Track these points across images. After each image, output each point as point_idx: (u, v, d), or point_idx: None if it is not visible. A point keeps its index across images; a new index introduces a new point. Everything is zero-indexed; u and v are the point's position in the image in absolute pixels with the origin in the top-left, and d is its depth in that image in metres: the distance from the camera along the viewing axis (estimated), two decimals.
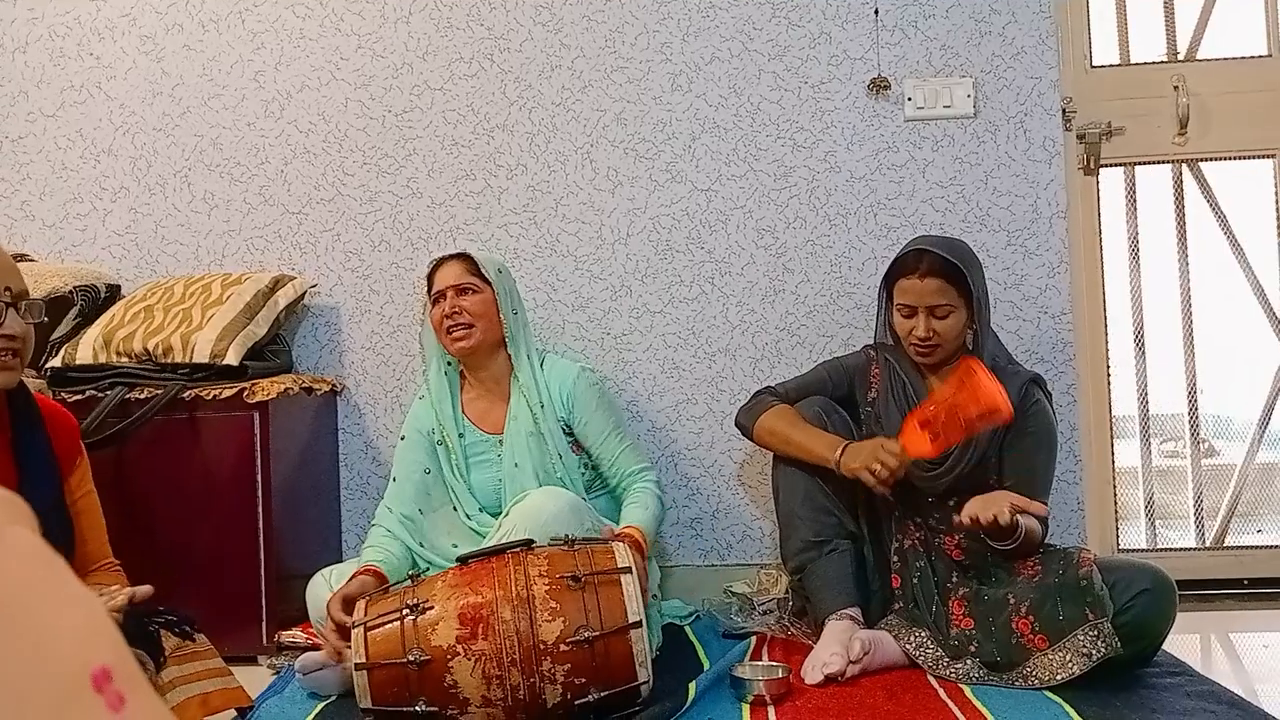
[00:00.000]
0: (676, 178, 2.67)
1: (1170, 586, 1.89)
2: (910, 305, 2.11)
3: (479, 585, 1.77)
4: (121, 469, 2.25)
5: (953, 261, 2.08)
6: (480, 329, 2.17)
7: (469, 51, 2.72)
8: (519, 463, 2.18)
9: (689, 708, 1.78)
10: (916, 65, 2.63)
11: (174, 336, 2.36)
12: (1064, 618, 1.86)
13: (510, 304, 2.22)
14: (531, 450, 2.17)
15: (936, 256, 2.09)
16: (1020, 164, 2.61)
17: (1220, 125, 2.70)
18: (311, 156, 2.74)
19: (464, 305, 2.17)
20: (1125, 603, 1.85)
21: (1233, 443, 2.82)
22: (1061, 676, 1.84)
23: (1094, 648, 1.83)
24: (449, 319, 2.17)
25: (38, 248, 2.73)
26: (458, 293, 2.18)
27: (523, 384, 2.20)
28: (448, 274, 2.21)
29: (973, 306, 2.10)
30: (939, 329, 2.10)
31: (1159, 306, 2.77)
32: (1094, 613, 1.84)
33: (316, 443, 2.59)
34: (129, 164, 2.77)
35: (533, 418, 2.18)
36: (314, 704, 1.92)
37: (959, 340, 2.13)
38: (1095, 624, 1.83)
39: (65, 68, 2.79)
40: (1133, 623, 1.85)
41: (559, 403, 2.21)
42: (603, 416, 2.23)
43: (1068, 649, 1.85)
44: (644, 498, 2.18)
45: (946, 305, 2.09)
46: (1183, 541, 2.77)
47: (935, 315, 2.09)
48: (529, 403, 2.19)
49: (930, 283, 2.08)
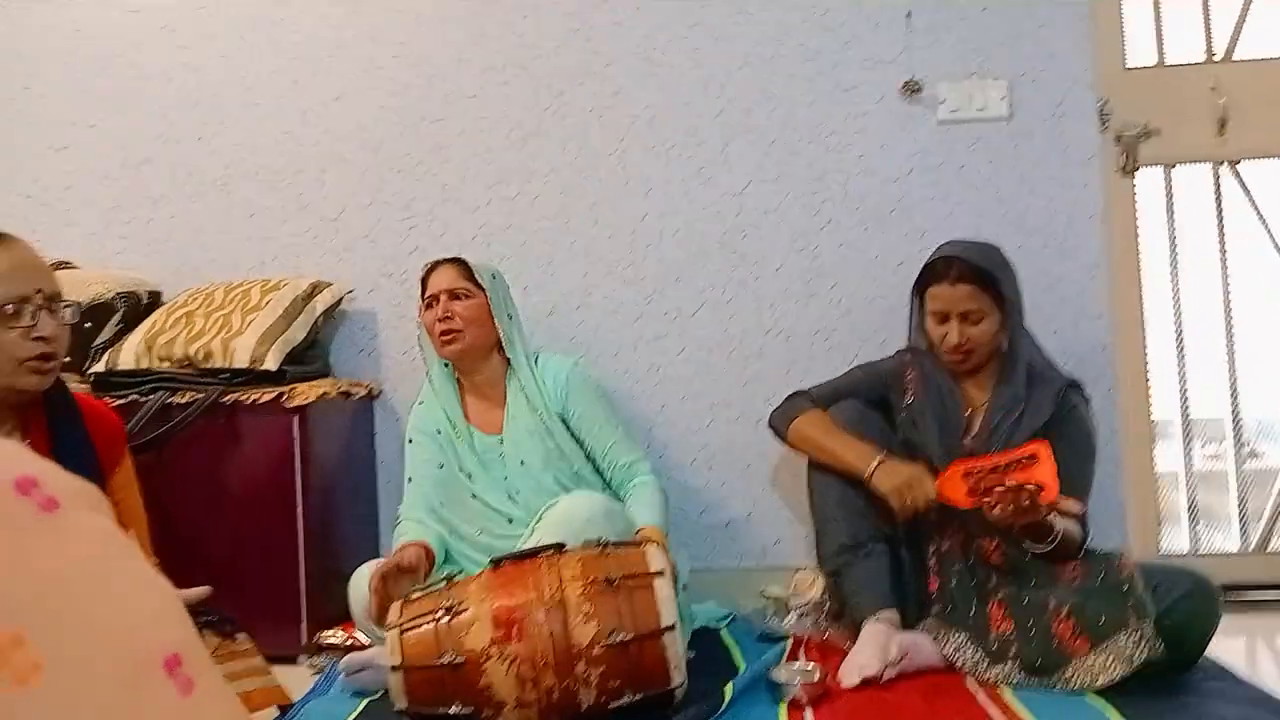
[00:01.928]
0: (709, 182, 2.68)
1: (1213, 590, 1.86)
2: (942, 312, 2.11)
3: (513, 588, 1.77)
4: (163, 472, 2.28)
5: (984, 268, 2.07)
6: (470, 334, 2.20)
7: (502, 60, 2.74)
8: (525, 460, 2.19)
9: (725, 710, 1.77)
10: (950, 68, 2.62)
11: (214, 342, 2.39)
12: (1105, 621, 1.84)
13: (504, 309, 2.25)
14: (536, 447, 2.19)
15: (967, 263, 2.08)
16: (1056, 166, 2.59)
17: (1258, 125, 2.66)
18: (347, 164, 2.77)
19: (456, 310, 2.19)
20: (1167, 606, 1.83)
21: (1276, 445, 2.77)
22: (1103, 680, 1.82)
23: (1136, 651, 1.80)
24: (441, 323, 2.20)
25: (80, 255, 2.78)
26: (450, 297, 2.21)
27: (523, 384, 2.22)
28: (441, 279, 2.24)
29: (1005, 311, 2.08)
30: (972, 335, 2.09)
31: (1199, 308, 2.73)
32: (1136, 616, 1.81)
33: (354, 445, 2.62)
34: (169, 172, 2.81)
35: (535, 415, 2.20)
36: (358, 702, 1.94)
37: (993, 345, 2.12)
38: (1137, 628, 1.81)
39: (105, 78, 2.84)
40: (1175, 626, 1.82)
41: (554, 397, 2.23)
42: (596, 408, 2.25)
43: (1109, 652, 1.82)
44: (647, 495, 2.18)
45: (979, 311, 2.08)
46: (1226, 545, 2.73)
47: (968, 321, 2.09)
48: (530, 401, 2.21)
49: (961, 289, 2.08)
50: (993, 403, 2.12)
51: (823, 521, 2.16)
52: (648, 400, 2.67)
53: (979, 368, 2.15)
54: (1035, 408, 2.09)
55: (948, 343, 2.10)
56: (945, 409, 2.15)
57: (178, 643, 0.46)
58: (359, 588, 2.08)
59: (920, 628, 2.04)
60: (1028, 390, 2.10)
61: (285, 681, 1.80)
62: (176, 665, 0.45)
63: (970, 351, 2.10)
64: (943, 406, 2.16)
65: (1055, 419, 2.07)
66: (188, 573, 1.67)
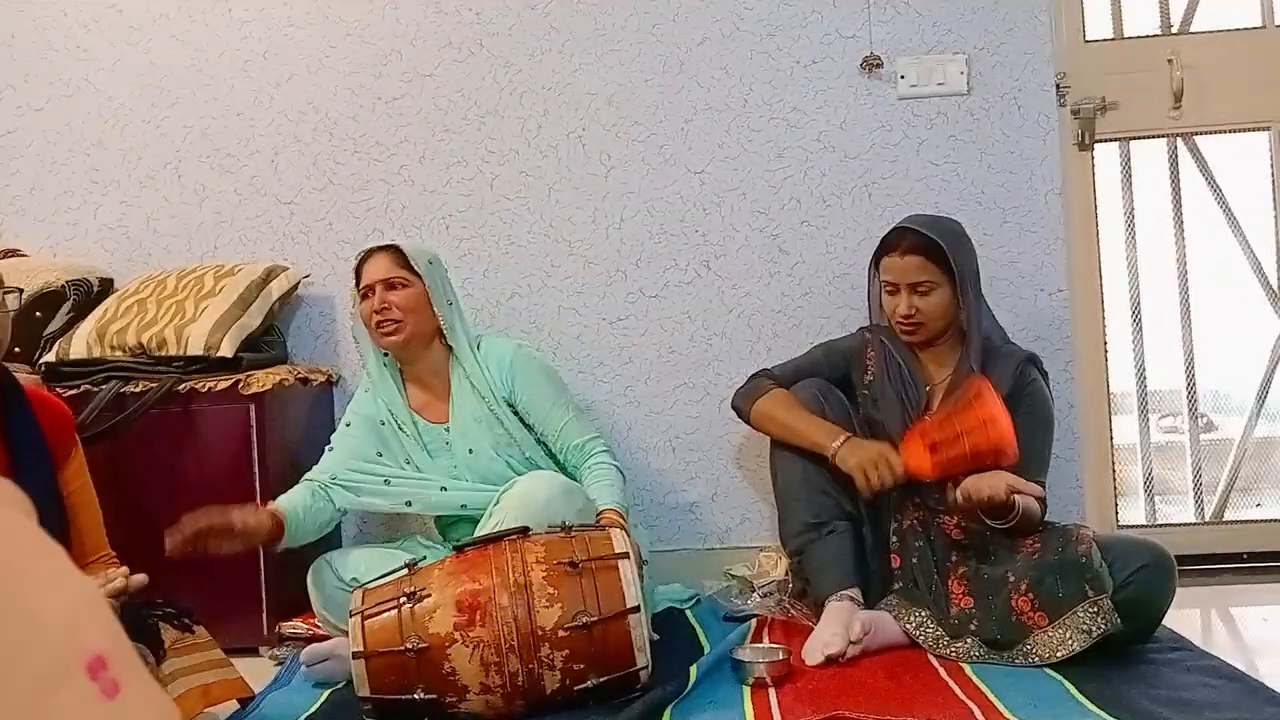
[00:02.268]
0: (670, 160, 2.66)
1: (1169, 562, 1.89)
2: (893, 283, 2.13)
3: (476, 573, 1.77)
4: (118, 463, 2.24)
5: (932, 238, 2.09)
6: (410, 324, 2.14)
7: (458, 37, 2.70)
8: (474, 448, 2.17)
9: (690, 691, 1.78)
10: (909, 43, 2.61)
11: (168, 329, 2.35)
12: (1063, 595, 1.86)
13: (443, 295, 2.19)
14: (485, 434, 2.16)
15: (918, 234, 2.11)
16: (1015, 140, 2.59)
17: (1215, 98, 2.68)
18: (302, 145, 2.72)
19: (393, 300, 2.13)
20: (1124, 579, 1.85)
21: (1231, 417, 2.81)
22: (1062, 653, 1.84)
23: (1094, 624, 1.83)
24: (378, 314, 2.14)
25: (29, 243, 2.72)
26: (386, 287, 2.14)
27: (468, 371, 2.18)
28: (376, 268, 2.17)
29: (957, 283, 2.09)
30: (921, 306, 2.10)
31: (1156, 282, 2.76)
32: (1093, 589, 1.84)
33: (313, 433, 2.58)
34: (119, 157, 2.75)
35: (482, 403, 2.17)
36: (320, 693, 1.93)
37: (945, 318, 2.13)
38: (1095, 601, 1.83)
39: (52, 61, 2.77)
40: (1132, 599, 1.85)
41: (499, 383, 2.19)
42: (543, 389, 2.21)
43: (1067, 626, 1.85)
44: (605, 473, 2.16)
45: (928, 282, 2.10)
46: (1182, 516, 2.77)
47: (917, 292, 2.11)
48: (475, 388, 2.17)
49: (911, 260, 2.10)
50: (952, 379, 2.14)
51: (785, 501, 2.17)
52: (611, 382, 2.66)
53: (931, 341, 2.16)
54: (994, 383, 2.10)
55: (897, 313, 2.13)
56: (905, 386, 2.17)
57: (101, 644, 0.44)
58: (320, 581, 2.06)
59: (882, 605, 2.06)
60: (986, 365, 2.12)
61: (247, 673, 1.79)
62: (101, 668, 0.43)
63: (920, 324, 2.12)
64: (902, 383, 2.17)
65: (1014, 393, 2.09)
66: (145, 564, 1.65)
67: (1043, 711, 1.63)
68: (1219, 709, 1.60)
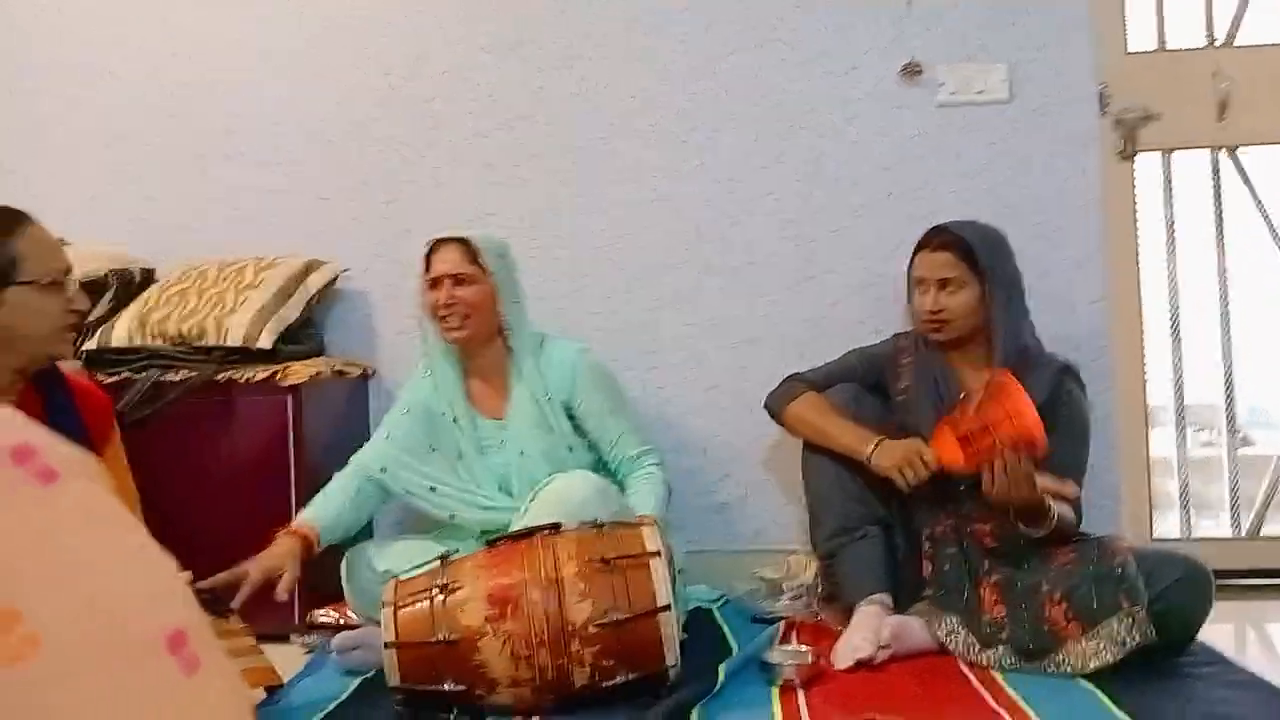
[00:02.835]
0: (700, 167, 2.66)
1: (1206, 575, 1.87)
2: (922, 279, 2.15)
3: (508, 566, 1.77)
4: (155, 450, 2.25)
5: (964, 238, 2.10)
6: (475, 321, 2.13)
7: (491, 41, 2.72)
8: (525, 451, 2.16)
9: (718, 691, 1.77)
10: (949, 50, 2.60)
11: (208, 320, 2.38)
12: (1098, 605, 1.84)
13: (510, 294, 2.17)
14: (539, 440, 2.15)
15: (949, 232, 2.13)
16: (1055, 150, 2.58)
17: (1259, 111, 2.65)
18: (333, 145, 2.76)
19: (460, 296, 2.12)
20: (1160, 591, 1.83)
21: (1269, 432, 2.78)
22: (1095, 664, 1.82)
23: (1128, 636, 1.81)
24: (444, 309, 2.13)
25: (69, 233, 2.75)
26: (455, 282, 2.12)
27: (525, 376, 2.17)
28: (445, 261, 2.14)
29: (986, 284, 2.09)
30: (946, 304, 2.11)
31: (1195, 295, 2.73)
32: (1128, 600, 1.82)
33: (348, 426, 2.60)
34: (153, 151, 2.79)
35: (539, 410, 2.15)
36: (350, 681, 1.94)
37: (972, 318, 2.13)
38: (1129, 612, 1.81)
39: (88, 53, 2.81)
40: (1167, 611, 1.83)
41: (560, 387, 2.18)
42: (602, 398, 2.20)
43: (1101, 637, 1.83)
44: (649, 485, 2.15)
45: (956, 280, 2.11)
46: (1218, 531, 2.73)
47: (944, 289, 2.11)
48: (534, 394, 2.16)
49: (940, 256, 2.12)
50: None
51: (817, 504, 2.17)
52: (641, 385, 2.66)
53: (962, 344, 2.16)
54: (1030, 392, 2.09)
55: (921, 307, 2.12)
56: (940, 393, 2.16)
57: (181, 620, 0.45)
58: (354, 572, 2.07)
59: (912, 611, 2.05)
60: (1023, 374, 2.10)
61: (277, 660, 1.81)
62: (181, 643, 0.44)
63: (945, 321, 2.12)
64: (936, 390, 2.16)
65: (1050, 403, 2.07)
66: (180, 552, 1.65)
67: None
68: None
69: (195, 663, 0.45)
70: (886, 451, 2.03)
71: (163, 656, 0.44)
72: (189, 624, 0.46)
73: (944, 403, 2.14)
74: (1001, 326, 2.11)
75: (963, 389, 2.16)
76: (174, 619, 0.45)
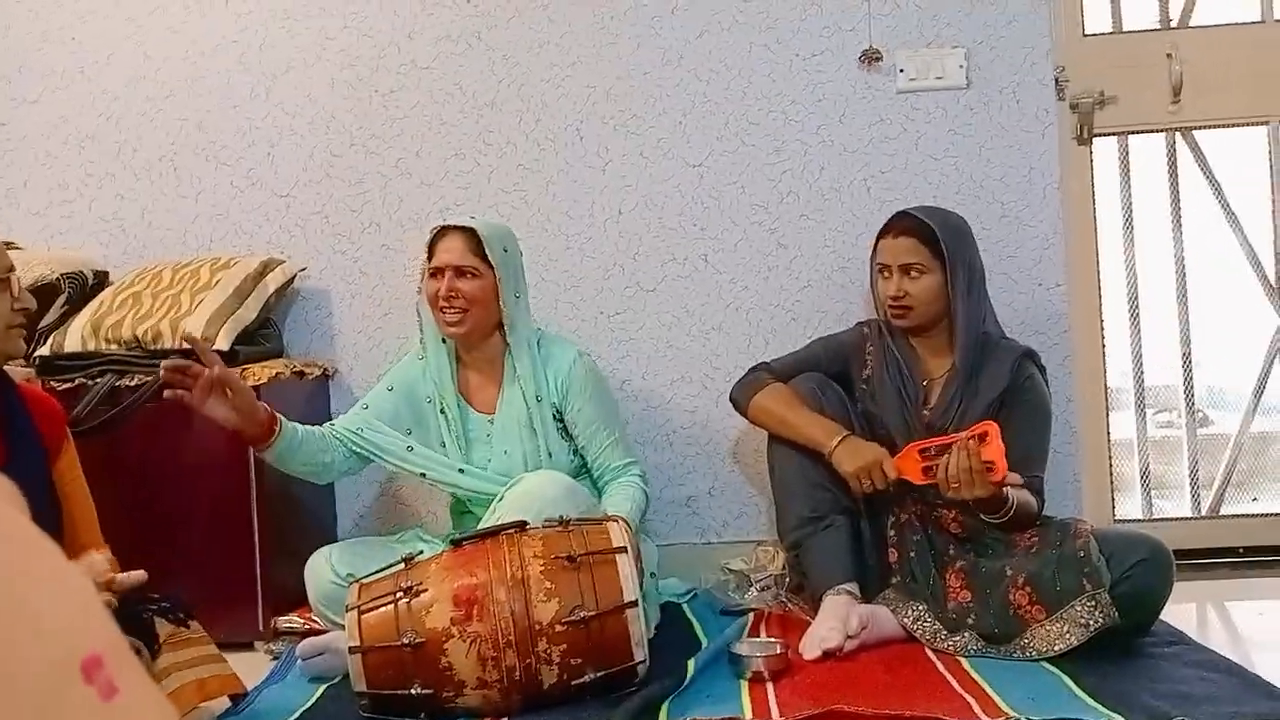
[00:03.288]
0: (668, 154, 2.65)
1: (1168, 556, 1.89)
2: (885, 265, 2.15)
3: (473, 567, 1.76)
4: (113, 456, 2.23)
5: (926, 222, 2.11)
6: (475, 314, 2.10)
7: (456, 29, 2.68)
8: (509, 450, 2.15)
9: (687, 686, 1.77)
10: (908, 36, 2.60)
11: (163, 323, 2.34)
12: (1061, 588, 1.86)
13: (513, 288, 2.13)
14: (524, 441, 2.14)
15: (912, 218, 2.13)
16: (1013, 135, 2.59)
17: (1214, 93, 2.67)
18: (299, 138, 2.71)
19: (461, 289, 2.08)
20: (1122, 573, 1.85)
21: (1227, 412, 2.82)
22: (1060, 647, 1.84)
23: (1091, 618, 1.82)
24: (444, 301, 2.09)
25: (23, 236, 2.70)
26: (457, 274, 2.09)
27: (520, 374, 2.15)
28: (450, 251, 2.10)
29: (949, 271, 2.10)
30: (910, 289, 2.12)
31: (1153, 277, 2.76)
32: (1091, 583, 1.84)
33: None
34: (114, 149, 2.74)
35: (528, 411, 2.14)
36: (316, 688, 1.92)
37: (936, 304, 2.13)
38: (1093, 594, 1.83)
39: (47, 53, 2.75)
40: (1130, 593, 1.84)
41: (553, 388, 2.16)
42: (595, 406, 2.18)
43: (1065, 620, 1.85)
44: (627, 491, 2.14)
45: (919, 265, 2.11)
46: (1178, 511, 2.77)
47: (908, 275, 2.12)
48: (525, 394, 2.14)
49: (903, 241, 2.13)
50: (949, 374, 2.13)
51: (783, 494, 2.17)
52: (609, 376, 2.64)
53: (924, 329, 2.16)
54: (991, 378, 2.10)
55: (885, 293, 2.13)
56: (904, 380, 2.16)
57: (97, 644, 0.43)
58: (316, 575, 2.05)
59: (880, 599, 2.06)
60: (984, 360, 2.11)
61: (242, 668, 1.79)
62: (97, 669, 0.42)
63: (908, 308, 2.12)
64: (900, 377, 2.17)
65: (1011, 388, 2.09)
66: (140, 559, 1.64)
67: (1041, 705, 1.62)
68: (1217, 702, 1.60)
69: (112, 688, 0.43)
70: (849, 454, 2.03)
71: (78, 684, 0.42)
72: (106, 647, 0.44)
73: (908, 390, 2.15)
74: (963, 313, 2.12)
75: (926, 376, 2.18)
76: (88, 643, 0.44)
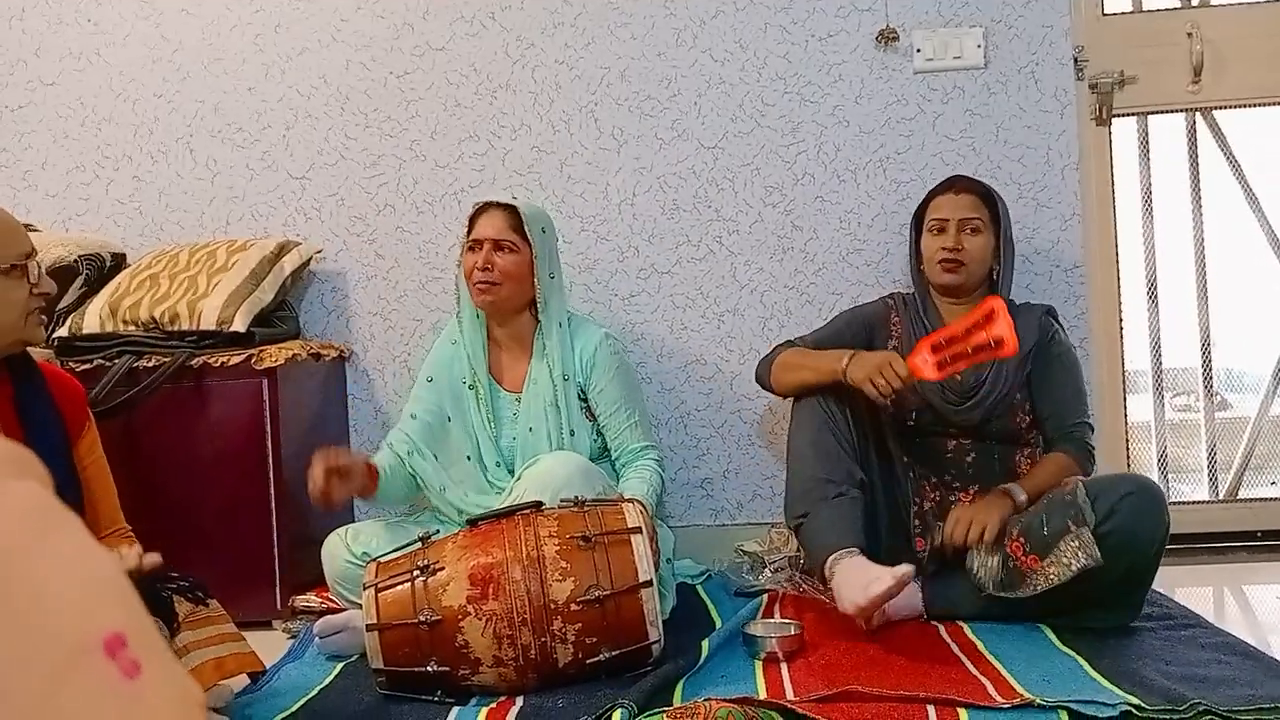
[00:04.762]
0: (682, 135, 2.64)
1: (1157, 492, 1.88)
2: (943, 219, 2.16)
3: (489, 546, 1.77)
4: (131, 437, 2.25)
5: (985, 185, 2.18)
6: (507, 289, 2.15)
7: (470, 10, 2.68)
8: (534, 428, 2.17)
9: (702, 666, 1.78)
10: (925, 15, 2.58)
11: (180, 304, 2.35)
12: (1048, 532, 1.86)
13: (548, 267, 2.19)
14: (548, 419, 2.17)
15: (971, 179, 2.20)
16: (1032, 115, 2.57)
17: (1234, 72, 2.64)
18: (314, 120, 2.71)
19: (497, 262, 2.13)
20: (1109, 509, 1.83)
21: (1246, 395, 2.80)
22: (1042, 586, 1.84)
23: (1074, 559, 1.81)
24: (480, 272, 2.13)
25: (41, 218, 2.72)
26: (495, 247, 2.14)
27: (549, 353, 2.18)
28: (489, 225, 2.16)
29: (999, 237, 2.14)
30: (968, 245, 2.13)
31: (1172, 258, 2.73)
32: (1074, 523, 1.83)
33: (325, 408, 2.59)
34: (131, 131, 2.75)
35: (554, 389, 2.17)
36: (333, 666, 1.94)
37: (984, 265, 2.15)
38: (1076, 534, 1.82)
39: (63, 35, 2.76)
40: (1119, 529, 1.82)
41: (579, 367, 2.19)
42: (617, 388, 2.21)
43: (1053, 561, 1.84)
44: (644, 473, 2.16)
45: (978, 220, 2.15)
46: (1196, 495, 2.76)
47: (966, 229, 2.14)
48: (553, 373, 2.17)
49: (965, 198, 2.16)
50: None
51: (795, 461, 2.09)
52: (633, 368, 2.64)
53: (963, 289, 2.16)
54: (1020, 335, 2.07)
55: (943, 246, 2.12)
56: None
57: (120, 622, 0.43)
58: (333, 555, 2.07)
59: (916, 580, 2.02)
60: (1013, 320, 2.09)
61: (260, 646, 1.80)
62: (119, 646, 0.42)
63: (961, 263, 2.12)
64: None
65: (1040, 345, 2.12)
66: (159, 539, 1.66)
67: (1056, 687, 1.62)
68: (1233, 685, 1.60)
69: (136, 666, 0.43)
70: (859, 363, 2.01)
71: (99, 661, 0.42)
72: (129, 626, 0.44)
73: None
74: (1005, 276, 2.16)
75: None
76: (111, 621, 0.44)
